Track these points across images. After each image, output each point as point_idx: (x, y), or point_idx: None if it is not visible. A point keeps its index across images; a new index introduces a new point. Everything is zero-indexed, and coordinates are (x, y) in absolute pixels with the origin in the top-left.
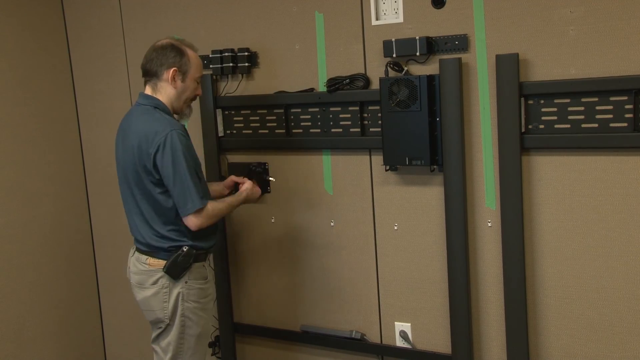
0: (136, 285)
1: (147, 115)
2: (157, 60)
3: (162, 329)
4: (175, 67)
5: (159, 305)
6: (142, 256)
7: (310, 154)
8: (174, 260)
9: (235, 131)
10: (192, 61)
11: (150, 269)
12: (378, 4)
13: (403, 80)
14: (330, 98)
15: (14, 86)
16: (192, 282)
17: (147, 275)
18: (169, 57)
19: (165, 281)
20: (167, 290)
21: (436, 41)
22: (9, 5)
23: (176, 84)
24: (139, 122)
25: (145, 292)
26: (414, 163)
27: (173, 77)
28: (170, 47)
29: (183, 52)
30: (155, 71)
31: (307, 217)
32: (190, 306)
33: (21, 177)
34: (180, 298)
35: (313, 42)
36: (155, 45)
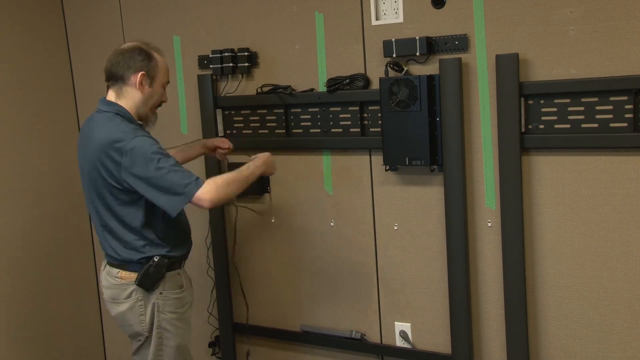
0: (110, 301)
1: (109, 123)
2: (123, 64)
3: (141, 341)
4: (143, 71)
5: (136, 319)
6: (113, 269)
7: (310, 154)
8: (146, 272)
9: (236, 131)
10: (160, 66)
11: (122, 282)
12: (378, 4)
13: (403, 80)
14: (330, 98)
15: (13, 86)
16: (167, 292)
17: (120, 289)
18: (136, 60)
19: (140, 294)
20: (142, 303)
21: (436, 41)
22: (9, 5)
23: (143, 88)
24: (101, 131)
25: (120, 307)
26: (414, 163)
27: (141, 81)
28: (138, 51)
29: (151, 56)
30: (121, 75)
31: (307, 217)
32: (167, 317)
33: (21, 177)
34: (156, 310)
35: (313, 42)
36: (122, 48)
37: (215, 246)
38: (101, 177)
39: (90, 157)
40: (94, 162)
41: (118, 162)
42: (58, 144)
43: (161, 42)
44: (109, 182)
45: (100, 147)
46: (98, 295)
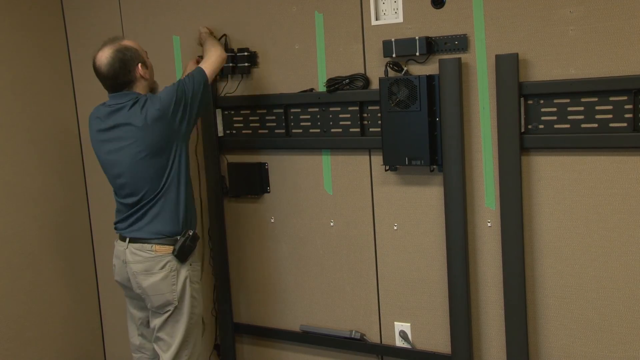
0: (141, 273)
1: (138, 103)
2: (123, 70)
3: (169, 312)
4: (139, 62)
5: (168, 288)
6: (145, 244)
7: (309, 154)
8: (183, 245)
9: (235, 131)
10: (136, 47)
11: (158, 254)
12: (378, 4)
13: (403, 80)
14: (329, 98)
15: (13, 86)
16: (195, 264)
17: (154, 262)
18: (127, 60)
19: (174, 264)
20: (175, 273)
21: (436, 41)
22: (8, 6)
23: (146, 73)
24: (137, 111)
25: (154, 278)
26: (414, 163)
27: (143, 71)
28: (119, 52)
29: (127, 46)
30: (128, 80)
31: (306, 217)
32: (195, 287)
33: (20, 177)
34: (187, 280)
35: (313, 42)
36: (105, 63)
37: (215, 246)
38: (157, 148)
39: (137, 135)
40: (146, 137)
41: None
42: (58, 144)
43: (161, 41)
44: (166, 146)
45: (150, 119)
46: (98, 295)
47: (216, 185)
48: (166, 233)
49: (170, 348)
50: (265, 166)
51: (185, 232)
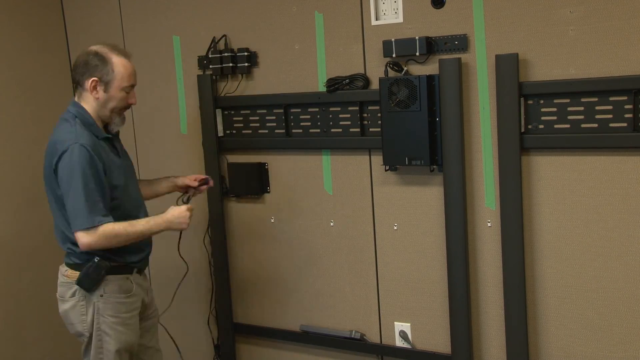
0: (58, 298)
1: (65, 124)
2: (81, 68)
3: (84, 342)
4: (95, 78)
5: (77, 318)
6: (62, 267)
7: (309, 154)
8: (85, 272)
9: (235, 131)
10: (117, 70)
11: (68, 280)
12: (378, 4)
13: (403, 80)
14: (329, 98)
15: (12, 86)
16: (108, 295)
17: (66, 287)
18: (89, 66)
19: (81, 294)
20: (84, 303)
21: (436, 41)
22: (8, 5)
23: (98, 94)
24: (55, 130)
25: (65, 305)
26: (414, 163)
27: (94, 87)
28: (94, 55)
29: (106, 60)
30: (78, 80)
31: (306, 217)
32: (107, 320)
33: (20, 176)
34: (95, 311)
35: (313, 42)
36: (83, 52)
37: (215, 246)
38: (49, 174)
39: (46, 152)
40: (47, 157)
41: (56, 161)
42: None
43: (161, 42)
44: (54, 179)
45: (51, 144)
46: None
47: (216, 185)
48: (76, 258)
49: None
50: (265, 166)
51: (91, 259)
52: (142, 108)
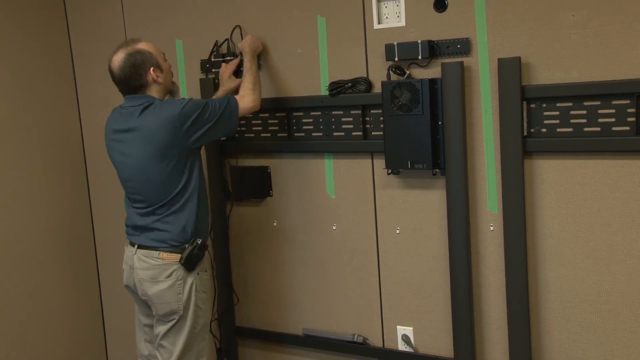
0: (148, 280)
1: (152, 106)
2: (134, 74)
3: (174, 320)
4: (151, 66)
5: (174, 297)
6: (152, 252)
7: (312, 157)
8: (190, 253)
9: (238, 135)
10: (151, 50)
11: (164, 262)
12: (380, 8)
13: (405, 84)
14: (332, 102)
15: (15, 90)
16: (202, 273)
17: (160, 269)
18: (139, 64)
19: (180, 273)
20: (182, 282)
21: (438, 45)
22: (11, 9)
23: (160, 77)
24: (149, 115)
25: (160, 286)
26: (416, 167)
27: (156, 75)
28: (131, 56)
29: (141, 51)
30: (140, 84)
31: (309, 220)
32: (201, 296)
33: (23, 181)
34: (193, 289)
35: (315, 46)
36: (118, 66)
37: (217, 249)
38: (166, 153)
39: (147, 138)
40: (156, 140)
41: (183, 124)
42: (61, 149)
43: (163, 45)
44: (176, 153)
45: (163, 122)
46: (100, 300)
47: (219, 188)
48: (174, 241)
49: (171, 356)
50: (267, 170)
51: (193, 241)
52: None
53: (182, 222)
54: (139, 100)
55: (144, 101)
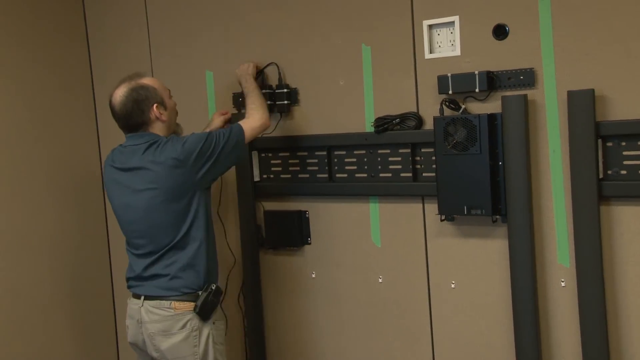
0: (159, 334)
1: (156, 145)
2: (136, 110)
3: None
4: (155, 103)
5: (190, 350)
6: (163, 302)
7: (355, 201)
8: (205, 300)
9: (273, 175)
10: (156, 86)
11: (177, 312)
12: (432, 35)
13: (460, 120)
14: (378, 139)
15: (33, 125)
16: (218, 322)
17: (173, 320)
18: (141, 100)
19: (195, 323)
20: (197, 333)
21: (498, 76)
22: (33, 40)
23: (164, 115)
24: (154, 154)
25: (174, 339)
26: (474, 212)
27: (159, 112)
28: (134, 90)
29: (145, 86)
30: (141, 121)
31: (351, 272)
32: (219, 348)
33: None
34: (210, 340)
35: (359, 78)
36: (119, 101)
37: (249, 305)
38: (173, 193)
39: (152, 179)
40: (161, 181)
41: (187, 161)
42: (78, 188)
43: (192, 77)
44: (184, 192)
45: (167, 162)
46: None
47: (251, 235)
48: (187, 288)
49: None
50: (305, 215)
51: (207, 287)
52: None
53: (193, 266)
54: (142, 138)
55: (148, 139)
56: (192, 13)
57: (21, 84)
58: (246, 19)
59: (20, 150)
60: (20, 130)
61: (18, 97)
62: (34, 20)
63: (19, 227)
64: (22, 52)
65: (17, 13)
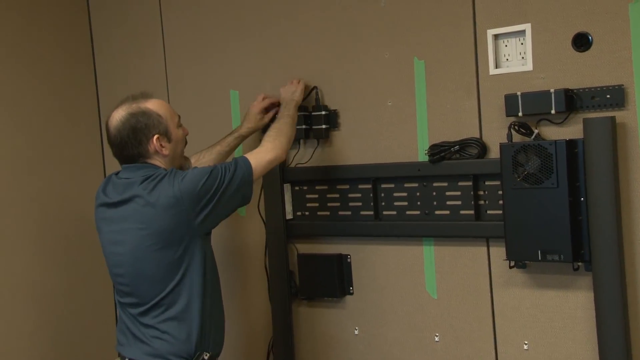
0: None
1: (152, 178)
2: (132, 139)
3: None
4: (156, 134)
5: None
6: None
7: (406, 243)
8: None
9: (309, 212)
10: (161, 113)
11: None
12: (498, 47)
13: (533, 147)
14: (433, 170)
15: (34, 154)
16: None
17: None
18: (140, 129)
19: None
20: None
21: (579, 94)
22: (40, 63)
23: (165, 148)
24: (150, 190)
25: None
26: (550, 258)
27: (160, 144)
28: (134, 117)
29: (147, 112)
30: (138, 153)
31: (402, 328)
32: None
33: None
34: None
35: (411, 98)
36: (116, 126)
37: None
38: (167, 240)
39: (144, 220)
40: (154, 225)
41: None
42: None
43: (214, 97)
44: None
45: (162, 201)
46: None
47: (282, 283)
48: (173, 355)
49: None
50: (347, 259)
51: (199, 355)
52: None
53: (184, 328)
54: (139, 171)
55: (145, 173)
56: (215, 24)
57: (17, 107)
58: (277, 30)
59: (17, 181)
60: (18, 159)
61: (15, 124)
62: (28, 27)
63: (24, 219)
64: (17, 66)
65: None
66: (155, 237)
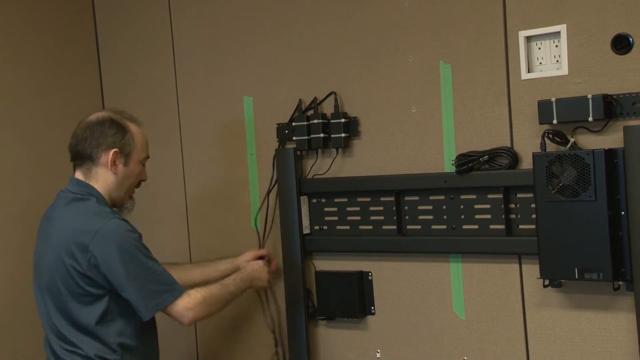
0: None
1: (80, 206)
2: (91, 140)
3: None
4: (116, 148)
5: None
6: None
7: (432, 260)
8: None
9: (327, 227)
10: (136, 139)
11: None
12: (531, 50)
13: (568, 157)
14: (460, 182)
15: (33, 165)
16: None
17: None
18: (107, 135)
19: None
20: None
21: (618, 100)
22: (47, 75)
23: (117, 168)
24: (68, 215)
25: None
26: (588, 277)
27: (113, 160)
28: (109, 123)
29: (125, 128)
30: (89, 153)
31: (427, 351)
32: None
33: None
34: None
35: (437, 104)
36: (88, 121)
37: None
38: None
39: (55, 245)
40: (59, 250)
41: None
42: None
43: (226, 104)
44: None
45: (70, 233)
46: None
47: (299, 302)
48: None
49: None
50: (368, 276)
51: None
52: (196, 191)
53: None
54: (79, 186)
55: (83, 190)
56: (227, 28)
57: (22, 113)
58: (293, 33)
59: (18, 185)
60: (18, 165)
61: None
62: (32, 31)
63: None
64: (21, 71)
65: None
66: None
